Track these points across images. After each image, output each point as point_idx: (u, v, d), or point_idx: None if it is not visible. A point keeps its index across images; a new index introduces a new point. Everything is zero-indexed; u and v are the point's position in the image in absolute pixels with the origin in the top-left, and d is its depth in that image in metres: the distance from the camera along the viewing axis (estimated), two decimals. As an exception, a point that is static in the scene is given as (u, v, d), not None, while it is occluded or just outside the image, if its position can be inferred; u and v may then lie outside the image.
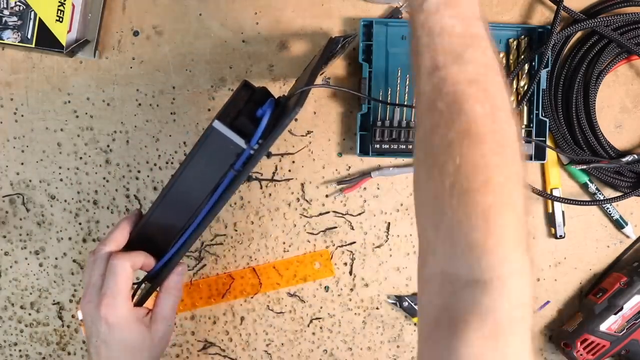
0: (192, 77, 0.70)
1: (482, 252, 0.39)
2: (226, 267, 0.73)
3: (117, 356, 0.55)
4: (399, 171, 0.70)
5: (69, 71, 0.70)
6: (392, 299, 0.73)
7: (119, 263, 0.54)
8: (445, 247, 0.41)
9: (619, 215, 0.72)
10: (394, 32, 0.69)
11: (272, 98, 0.53)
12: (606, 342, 0.70)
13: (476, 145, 0.40)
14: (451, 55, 0.43)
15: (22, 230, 0.73)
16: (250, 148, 0.50)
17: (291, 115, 0.48)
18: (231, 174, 0.52)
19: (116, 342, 0.54)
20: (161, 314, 0.57)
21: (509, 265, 0.39)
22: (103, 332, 0.54)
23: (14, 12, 0.65)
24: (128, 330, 0.54)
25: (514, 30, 0.70)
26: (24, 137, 0.71)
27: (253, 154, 0.51)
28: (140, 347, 0.55)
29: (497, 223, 0.39)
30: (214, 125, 0.50)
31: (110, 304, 0.53)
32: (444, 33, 0.44)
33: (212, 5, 0.69)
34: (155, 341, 0.56)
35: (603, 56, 0.68)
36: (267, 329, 0.74)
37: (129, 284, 0.54)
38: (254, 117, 0.52)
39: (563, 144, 0.70)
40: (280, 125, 0.49)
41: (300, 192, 0.72)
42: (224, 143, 0.51)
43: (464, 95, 0.42)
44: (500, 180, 0.40)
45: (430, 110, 0.43)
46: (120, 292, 0.54)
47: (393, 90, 0.69)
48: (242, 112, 0.52)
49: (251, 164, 0.51)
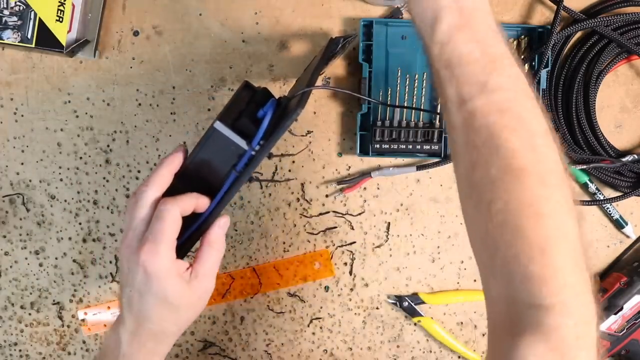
0: (192, 77, 0.70)
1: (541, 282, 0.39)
2: (226, 267, 0.73)
3: (150, 310, 0.50)
4: (399, 171, 0.70)
5: (69, 71, 0.70)
6: (392, 299, 0.73)
7: (168, 209, 0.49)
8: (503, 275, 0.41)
9: (618, 215, 0.72)
10: (394, 32, 0.69)
11: (273, 99, 0.53)
12: (606, 342, 0.70)
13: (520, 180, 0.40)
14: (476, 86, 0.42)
15: (22, 230, 0.73)
16: (251, 149, 0.50)
17: (292, 116, 0.47)
18: (233, 175, 0.51)
19: (152, 295, 0.49)
20: (203, 271, 0.52)
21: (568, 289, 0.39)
22: (139, 281, 0.49)
23: (14, 12, 0.65)
24: (166, 283, 0.49)
25: (514, 30, 0.70)
26: (24, 137, 0.71)
27: (255, 155, 0.50)
28: (177, 303, 0.50)
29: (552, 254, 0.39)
30: (215, 126, 0.50)
31: (152, 250, 0.48)
32: (463, 62, 0.42)
33: (212, 5, 0.69)
34: (193, 300, 0.52)
35: (603, 56, 0.68)
36: (267, 329, 0.74)
37: (176, 232, 0.50)
38: (255, 118, 0.52)
39: (563, 143, 0.70)
40: (281, 127, 0.49)
41: (300, 192, 0.72)
42: (225, 144, 0.51)
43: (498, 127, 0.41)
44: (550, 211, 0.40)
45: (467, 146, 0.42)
46: (165, 240, 0.49)
47: (393, 90, 0.69)
48: (243, 113, 0.52)
49: (253, 165, 0.51)
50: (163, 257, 0.48)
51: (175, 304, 0.50)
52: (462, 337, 0.75)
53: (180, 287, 0.50)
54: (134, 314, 0.51)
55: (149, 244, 0.48)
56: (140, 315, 0.51)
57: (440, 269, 0.73)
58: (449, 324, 0.74)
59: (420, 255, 0.73)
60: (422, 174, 0.72)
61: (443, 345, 0.74)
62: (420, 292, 0.73)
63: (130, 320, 0.51)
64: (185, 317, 0.52)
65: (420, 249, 0.73)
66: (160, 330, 0.52)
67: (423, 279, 0.74)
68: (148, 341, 0.52)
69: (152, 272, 0.48)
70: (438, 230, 0.73)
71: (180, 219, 0.50)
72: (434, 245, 0.73)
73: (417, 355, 0.75)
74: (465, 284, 0.74)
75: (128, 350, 0.52)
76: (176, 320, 0.52)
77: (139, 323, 0.51)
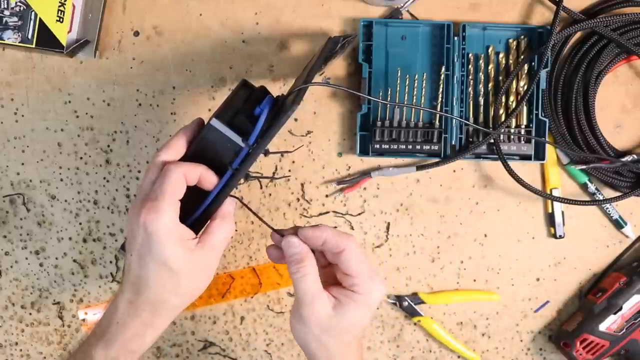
0: (192, 77, 0.70)
1: None
2: (226, 267, 0.73)
3: (149, 275, 0.48)
4: (399, 171, 0.71)
5: (70, 71, 0.70)
6: (392, 299, 0.74)
7: (171, 169, 0.48)
8: None
9: (618, 215, 0.72)
10: (394, 32, 0.69)
11: (270, 96, 0.53)
12: (606, 341, 0.70)
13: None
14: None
15: (22, 230, 0.73)
16: (247, 146, 0.50)
17: (289, 112, 0.47)
18: (229, 172, 0.52)
19: (151, 257, 0.48)
20: (211, 242, 0.50)
21: None
22: (139, 242, 0.47)
23: (14, 13, 0.65)
24: (167, 245, 0.47)
25: (513, 30, 0.70)
26: (25, 137, 0.71)
27: (250, 152, 0.50)
28: (177, 269, 0.48)
29: None
30: (212, 123, 0.50)
31: (152, 207, 0.47)
32: None
33: (212, 5, 0.70)
34: (195, 270, 0.49)
35: (603, 56, 0.68)
36: (267, 328, 0.74)
37: (179, 193, 0.48)
38: (252, 115, 0.52)
39: (563, 144, 0.70)
40: (277, 123, 0.49)
41: (300, 192, 0.72)
42: (221, 141, 0.50)
43: None
44: None
45: None
46: (166, 198, 0.47)
47: (393, 90, 0.69)
48: (240, 111, 0.52)
49: (249, 161, 0.51)
50: (164, 215, 0.47)
51: (174, 270, 0.48)
52: (461, 337, 0.75)
53: (181, 253, 0.48)
54: (133, 280, 0.50)
55: (150, 202, 0.47)
56: (138, 281, 0.49)
57: (440, 269, 0.74)
58: (449, 324, 0.74)
59: (420, 255, 0.73)
60: (422, 174, 0.72)
61: (443, 345, 0.75)
62: (420, 292, 0.74)
63: (128, 288, 0.50)
64: (186, 287, 0.50)
65: (420, 249, 0.73)
66: (158, 299, 0.50)
67: (423, 278, 0.74)
68: (144, 311, 0.50)
69: (152, 231, 0.47)
70: (438, 230, 0.73)
71: (184, 182, 0.49)
72: (433, 245, 0.73)
73: (417, 355, 0.75)
74: (465, 284, 0.74)
75: (122, 318, 0.50)
76: (176, 289, 0.49)
77: (136, 290, 0.50)
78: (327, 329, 0.51)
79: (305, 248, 0.52)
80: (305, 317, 0.51)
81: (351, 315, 0.52)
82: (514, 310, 0.74)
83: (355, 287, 0.52)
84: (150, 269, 0.48)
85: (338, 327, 0.51)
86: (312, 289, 0.51)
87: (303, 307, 0.51)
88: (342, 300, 0.52)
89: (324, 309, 0.51)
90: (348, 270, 0.52)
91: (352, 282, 0.52)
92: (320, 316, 0.51)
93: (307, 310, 0.51)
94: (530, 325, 0.75)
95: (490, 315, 0.74)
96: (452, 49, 0.68)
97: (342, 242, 0.51)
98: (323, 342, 0.52)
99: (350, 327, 0.52)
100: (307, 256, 0.51)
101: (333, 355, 0.52)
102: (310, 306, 0.51)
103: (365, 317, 0.53)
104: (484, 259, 0.73)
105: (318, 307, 0.51)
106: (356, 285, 0.52)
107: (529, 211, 0.73)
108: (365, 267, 0.52)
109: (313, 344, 0.52)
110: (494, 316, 0.74)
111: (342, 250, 0.51)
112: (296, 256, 0.51)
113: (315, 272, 0.51)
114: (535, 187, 0.69)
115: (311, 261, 0.51)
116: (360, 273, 0.52)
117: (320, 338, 0.52)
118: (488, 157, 0.70)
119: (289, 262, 0.52)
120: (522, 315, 0.75)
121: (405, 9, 0.69)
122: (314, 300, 0.51)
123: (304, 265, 0.51)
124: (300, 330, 0.52)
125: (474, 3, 0.70)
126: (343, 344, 0.53)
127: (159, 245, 0.47)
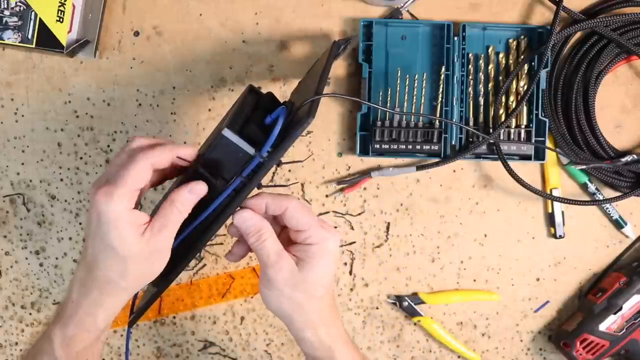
0: (192, 77, 0.70)
1: None
2: (226, 267, 0.73)
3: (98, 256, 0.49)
4: (399, 171, 0.71)
5: (70, 71, 0.70)
6: (392, 298, 0.74)
7: (137, 159, 0.48)
8: None
9: (618, 215, 0.72)
10: (394, 32, 0.69)
11: (283, 107, 0.52)
12: (606, 341, 0.70)
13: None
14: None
15: (22, 230, 0.73)
16: (260, 157, 0.50)
17: (304, 125, 0.47)
18: (238, 180, 0.51)
19: (100, 238, 0.48)
20: (159, 225, 0.49)
21: None
22: (92, 224, 0.48)
23: (14, 13, 0.65)
24: (115, 229, 0.48)
25: (513, 30, 0.70)
26: (25, 137, 0.71)
27: (263, 163, 0.50)
28: (124, 254, 0.48)
29: None
30: (224, 134, 0.50)
31: (107, 192, 0.47)
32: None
33: (212, 6, 0.70)
34: (142, 254, 0.49)
35: (602, 56, 0.68)
36: (267, 328, 0.74)
37: (140, 182, 0.48)
38: (262, 124, 0.52)
39: (562, 144, 0.70)
40: (291, 136, 0.48)
41: (300, 192, 0.72)
42: (232, 151, 0.50)
43: None
44: None
45: None
46: (122, 185, 0.47)
47: (393, 91, 0.69)
48: (250, 119, 0.51)
49: (261, 173, 0.50)
50: (116, 200, 0.47)
51: (121, 254, 0.48)
52: (461, 337, 0.75)
53: (130, 236, 0.48)
54: (86, 261, 0.51)
55: (106, 186, 0.48)
56: (90, 261, 0.50)
57: (440, 269, 0.74)
58: (449, 324, 0.74)
59: (420, 255, 0.73)
60: (422, 174, 0.72)
61: (443, 345, 0.75)
62: (420, 292, 0.74)
63: (82, 267, 0.51)
64: (133, 272, 0.50)
65: (420, 249, 0.73)
66: (105, 279, 0.50)
67: (423, 278, 0.74)
68: (94, 289, 0.50)
69: (102, 213, 0.47)
70: (438, 230, 0.73)
71: (150, 170, 0.49)
72: (433, 245, 0.73)
73: (417, 355, 0.75)
74: (465, 284, 0.74)
75: (75, 297, 0.51)
76: (122, 272, 0.49)
77: (88, 269, 0.50)
78: (295, 284, 0.53)
79: (259, 217, 0.53)
80: (272, 278, 0.52)
81: (315, 266, 0.53)
82: (514, 310, 0.74)
83: (309, 239, 0.53)
84: (98, 249, 0.49)
85: (306, 281, 0.53)
86: (274, 249, 0.53)
87: (269, 269, 0.52)
88: (301, 256, 0.53)
89: (288, 265, 0.53)
90: (297, 226, 0.53)
91: (305, 236, 0.53)
92: (285, 274, 0.52)
93: (273, 270, 0.52)
94: (530, 325, 0.75)
95: (490, 315, 0.74)
96: (452, 49, 0.68)
97: (283, 202, 0.53)
98: (295, 299, 0.53)
99: (317, 279, 0.53)
100: (262, 223, 0.53)
101: (308, 311, 0.54)
102: (275, 266, 0.52)
103: (329, 265, 0.54)
104: (484, 259, 0.73)
105: (282, 265, 0.52)
106: (309, 237, 0.53)
107: (529, 211, 0.73)
108: (311, 218, 0.53)
109: (286, 304, 0.54)
110: (494, 316, 0.74)
111: (285, 209, 0.53)
112: (252, 227, 0.53)
113: (273, 235, 0.53)
114: (535, 187, 0.69)
115: (267, 227, 0.53)
116: (308, 225, 0.53)
117: (292, 296, 0.53)
118: (488, 157, 0.70)
119: (248, 235, 0.53)
120: (522, 315, 0.75)
121: (405, 9, 0.69)
122: (278, 260, 0.52)
123: (263, 232, 0.52)
124: (271, 296, 0.54)
125: (474, 3, 0.70)
126: (315, 298, 0.54)
127: (107, 228, 0.48)
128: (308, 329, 0.55)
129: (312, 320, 0.54)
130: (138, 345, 0.74)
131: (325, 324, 0.55)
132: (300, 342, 0.56)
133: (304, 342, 0.56)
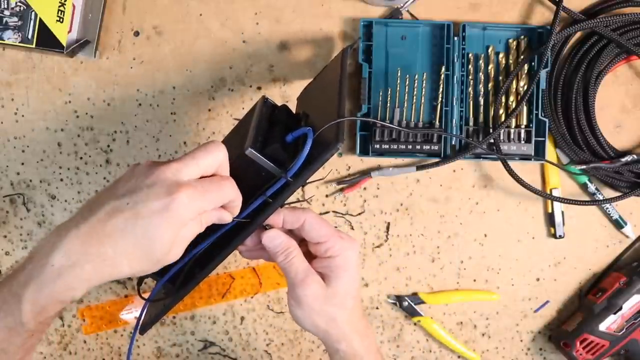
0: (192, 77, 0.70)
1: None
2: (226, 267, 0.73)
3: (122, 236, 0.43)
4: (399, 171, 0.71)
5: (70, 71, 0.70)
6: (392, 298, 0.74)
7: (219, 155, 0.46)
8: None
9: (618, 215, 0.72)
10: (394, 32, 0.69)
11: (309, 129, 0.50)
12: (605, 341, 0.70)
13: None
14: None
15: (22, 230, 0.73)
16: (286, 178, 0.49)
17: (332, 151, 0.47)
18: (261, 199, 0.50)
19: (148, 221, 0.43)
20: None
21: None
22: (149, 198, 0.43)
23: (14, 13, 0.65)
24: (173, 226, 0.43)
25: (513, 30, 0.70)
26: (25, 137, 0.71)
27: (288, 184, 0.49)
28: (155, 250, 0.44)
29: None
30: (247, 154, 0.49)
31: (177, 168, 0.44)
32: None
33: (212, 6, 0.70)
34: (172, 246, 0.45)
35: (602, 56, 0.68)
36: (267, 328, 0.74)
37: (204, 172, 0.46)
38: (283, 141, 0.51)
39: (562, 144, 0.70)
40: (320, 159, 0.47)
41: (300, 192, 0.72)
42: (255, 170, 0.49)
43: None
44: None
45: None
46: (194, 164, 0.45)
47: (393, 91, 0.69)
48: (270, 136, 0.51)
49: (286, 193, 0.49)
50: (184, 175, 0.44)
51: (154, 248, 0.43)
52: (461, 337, 0.75)
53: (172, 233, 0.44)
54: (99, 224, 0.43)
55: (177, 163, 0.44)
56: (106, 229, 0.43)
57: (440, 269, 0.74)
58: (449, 324, 0.74)
59: (420, 255, 0.73)
60: (422, 174, 0.72)
61: (443, 345, 0.75)
62: (420, 292, 0.74)
63: (86, 229, 0.43)
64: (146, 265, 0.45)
65: (420, 249, 0.73)
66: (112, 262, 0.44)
67: (423, 278, 0.74)
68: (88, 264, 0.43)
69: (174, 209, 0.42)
70: (438, 230, 0.73)
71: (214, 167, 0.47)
72: (433, 245, 0.73)
73: (417, 355, 0.75)
74: (465, 284, 0.74)
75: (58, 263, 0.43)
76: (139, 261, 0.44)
77: (90, 242, 0.43)
78: (326, 300, 0.53)
79: (286, 236, 0.53)
80: (302, 297, 0.52)
81: (341, 278, 0.53)
82: (514, 310, 0.74)
83: (329, 251, 0.53)
84: (129, 230, 0.42)
85: (336, 295, 0.53)
86: (302, 267, 0.53)
87: (297, 288, 0.52)
88: (326, 271, 0.53)
89: (316, 282, 0.53)
90: (317, 238, 0.53)
91: (325, 248, 0.53)
92: (315, 290, 0.52)
93: (302, 289, 0.52)
94: (530, 325, 0.75)
95: (490, 315, 0.74)
96: (452, 49, 0.68)
97: (300, 215, 0.53)
98: (328, 314, 0.53)
99: (346, 291, 0.54)
100: (289, 242, 0.53)
101: (342, 323, 0.54)
102: (304, 284, 0.52)
103: (354, 275, 0.54)
104: (484, 259, 0.73)
105: (310, 282, 0.52)
106: (329, 248, 0.53)
107: (529, 211, 0.73)
108: (329, 229, 0.53)
109: (320, 321, 0.53)
110: (494, 316, 0.74)
111: (303, 222, 0.53)
112: (280, 246, 0.53)
113: (300, 253, 0.53)
114: (535, 187, 0.69)
115: (294, 245, 0.53)
116: (327, 236, 0.53)
117: (324, 312, 0.53)
118: (488, 157, 0.70)
119: (276, 254, 0.53)
120: (522, 315, 0.75)
121: (405, 9, 0.69)
122: (306, 278, 0.52)
123: (290, 250, 0.53)
124: (303, 314, 0.53)
125: (474, 3, 0.70)
126: (347, 310, 0.54)
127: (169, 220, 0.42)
128: (343, 341, 0.55)
129: (345, 333, 0.54)
130: (138, 345, 0.74)
131: (359, 335, 0.55)
132: (334, 355, 0.56)
133: (337, 355, 0.55)
